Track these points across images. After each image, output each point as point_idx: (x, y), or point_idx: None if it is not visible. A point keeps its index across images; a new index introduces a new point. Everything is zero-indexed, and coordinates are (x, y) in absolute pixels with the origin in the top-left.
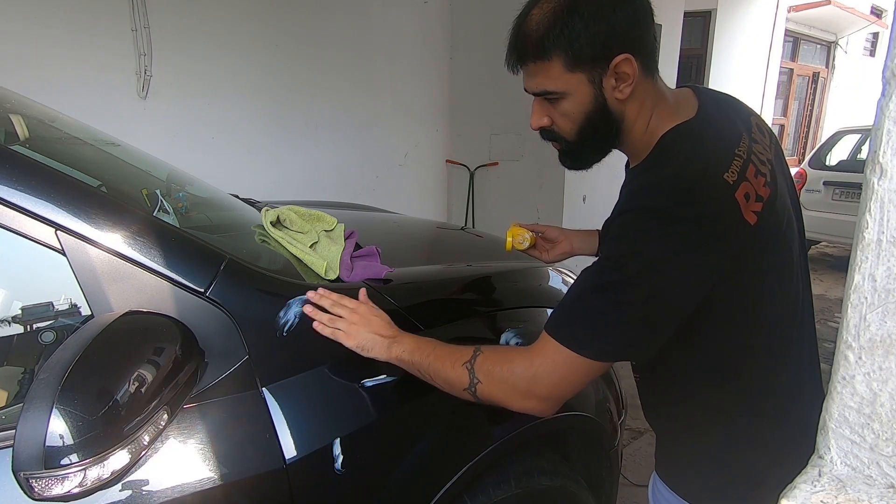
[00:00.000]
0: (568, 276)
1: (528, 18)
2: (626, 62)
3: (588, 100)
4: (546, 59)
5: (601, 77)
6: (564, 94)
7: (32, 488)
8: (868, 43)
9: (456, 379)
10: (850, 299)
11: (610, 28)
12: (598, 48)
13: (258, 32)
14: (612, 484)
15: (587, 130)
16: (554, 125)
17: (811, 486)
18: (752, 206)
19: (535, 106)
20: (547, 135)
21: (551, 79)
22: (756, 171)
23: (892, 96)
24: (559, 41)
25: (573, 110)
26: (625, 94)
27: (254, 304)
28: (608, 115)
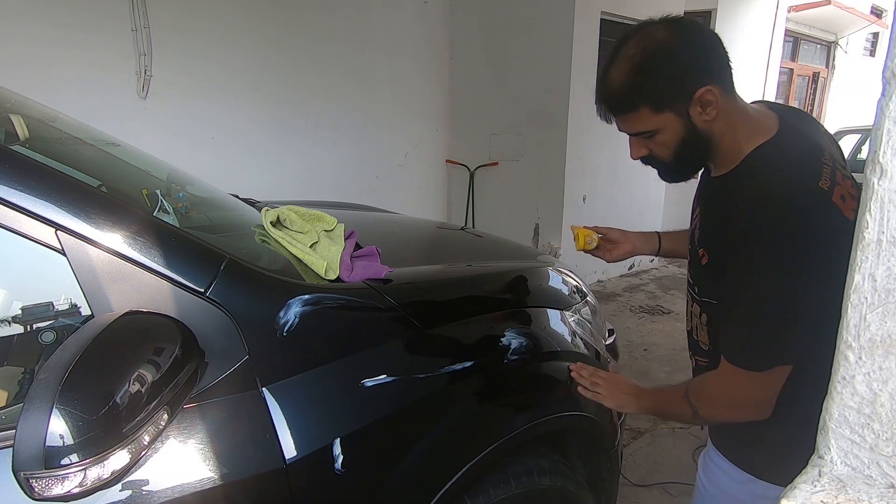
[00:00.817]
0: (568, 276)
1: (609, 77)
2: (708, 92)
3: (679, 130)
4: (633, 111)
5: (687, 108)
6: (657, 131)
7: (32, 488)
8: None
9: (684, 412)
10: (850, 299)
11: (685, 71)
12: (679, 91)
13: (258, 33)
14: (612, 484)
15: (683, 153)
16: (652, 153)
17: (811, 486)
18: (849, 204)
19: (631, 141)
20: (647, 161)
21: (642, 123)
22: (843, 175)
23: (892, 96)
24: (641, 96)
25: (667, 140)
26: (711, 116)
27: (254, 304)
28: (699, 136)
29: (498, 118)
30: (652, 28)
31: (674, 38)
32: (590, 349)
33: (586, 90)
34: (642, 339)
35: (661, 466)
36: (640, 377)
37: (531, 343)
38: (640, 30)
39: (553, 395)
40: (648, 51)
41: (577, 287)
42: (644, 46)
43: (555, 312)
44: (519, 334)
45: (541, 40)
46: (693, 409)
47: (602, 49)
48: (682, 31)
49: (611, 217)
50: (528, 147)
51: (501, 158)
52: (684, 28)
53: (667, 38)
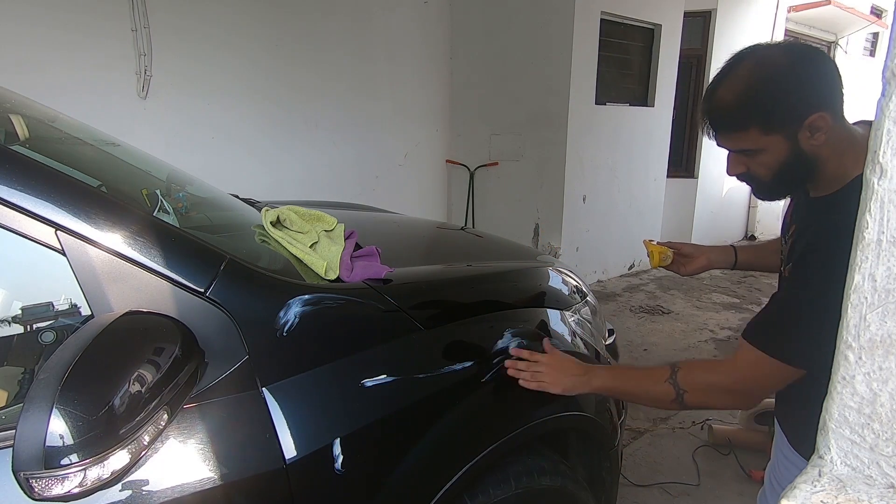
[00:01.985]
0: (568, 276)
1: (722, 92)
2: (820, 119)
3: (784, 152)
4: (742, 130)
5: (796, 132)
6: (762, 151)
7: (32, 488)
8: (868, 43)
9: (662, 394)
10: (850, 299)
11: (798, 96)
12: (791, 115)
13: (258, 33)
14: (612, 484)
15: (784, 174)
16: (750, 171)
17: (811, 486)
18: None
19: (731, 157)
20: (743, 177)
21: (748, 142)
22: None
23: (892, 96)
24: (753, 116)
25: (770, 161)
26: (819, 141)
27: (254, 304)
28: (805, 159)
29: (498, 118)
30: (768, 50)
31: (790, 63)
32: (590, 349)
33: (586, 90)
34: (642, 339)
35: (661, 466)
36: None
37: (531, 343)
38: (755, 51)
39: (553, 394)
40: (765, 73)
41: (577, 287)
42: (760, 68)
43: (555, 312)
44: (519, 334)
45: (541, 40)
46: (679, 391)
47: (602, 49)
48: (799, 56)
49: (611, 217)
50: (528, 147)
51: (501, 158)
52: (801, 53)
53: (783, 62)
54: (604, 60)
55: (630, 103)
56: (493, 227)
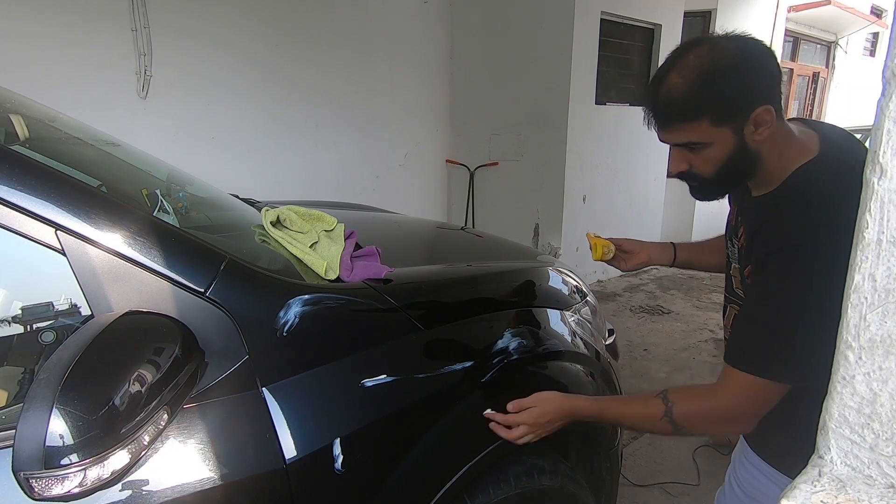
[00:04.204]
0: (568, 276)
1: (673, 79)
2: (766, 112)
3: (730, 146)
4: (694, 120)
5: (742, 126)
6: (708, 145)
7: (32, 488)
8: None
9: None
10: (850, 299)
11: (750, 87)
12: (742, 106)
13: (258, 33)
14: (612, 484)
15: (727, 170)
16: (692, 169)
17: (811, 486)
18: None
19: (674, 153)
20: (684, 176)
21: (697, 133)
22: None
23: (892, 96)
24: (707, 104)
25: (716, 156)
26: (763, 136)
27: (254, 304)
28: (747, 154)
29: (498, 118)
30: (717, 40)
31: (740, 52)
32: (590, 349)
33: (586, 90)
34: (642, 339)
35: (661, 466)
36: (640, 377)
37: (531, 343)
38: (703, 41)
39: None
40: (718, 60)
41: (577, 287)
42: (713, 57)
43: (555, 312)
44: (518, 334)
45: (541, 40)
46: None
47: (602, 49)
48: (748, 47)
49: (610, 217)
50: (528, 147)
51: (501, 158)
52: (750, 44)
53: (734, 52)
54: (604, 60)
55: (630, 103)
56: (493, 227)
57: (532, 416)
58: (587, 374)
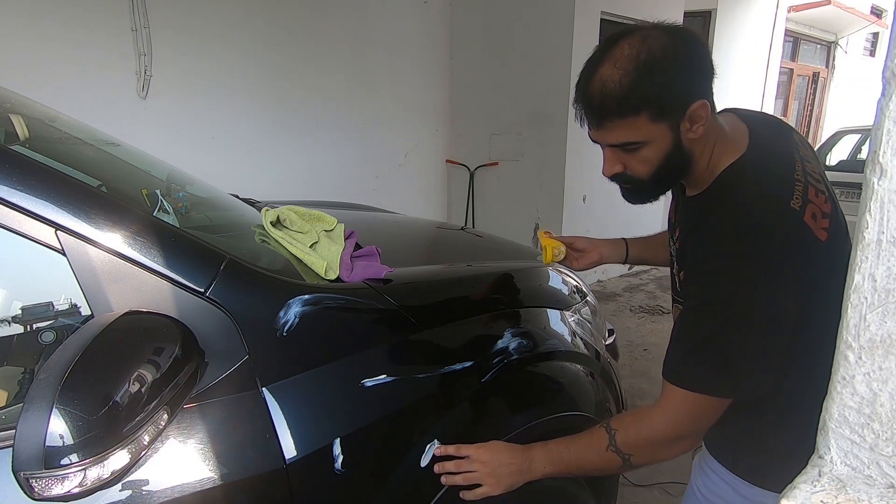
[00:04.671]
0: (568, 276)
1: (607, 72)
2: (702, 107)
3: (667, 144)
4: (633, 115)
5: (679, 122)
6: (645, 143)
7: (32, 488)
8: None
9: (608, 464)
10: (850, 299)
11: (688, 80)
12: (680, 100)
13: (258, 33)
14: (612, 484)
15: (662, 170)
16: (627, 170)
17: (811, 486)
18: (820, 223)
19: (607, 154)
20: (617, 179)
21: (635, 131)
22: (816, 191)
23: (892, 96)
24: (646, 98)
25: (652, 156)
26: (698, 133)
27: (254, 304)
28: (682, 153)
29: (498, 118)
30: (651, 31)
31: (676, 43)
32: (590, 349)
33: None
34: (642, 339)
35: (661, 466)
36: (640, 377)
37: (531, 343)
38: (636, 31)
39: (553, 394)
40: (654, 51)
41: (577, 287)
42: (649, 47)
43: (555, 312)
44: (518, 334)
45: (541, 40)
46: (624, 457)
47: None
48: (685, 38)
49: (610, 217)
50: (528, 147)
51: (501, 158)
52: (687, 35)
53: (669, 42)
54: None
55: None
56: (493, 227)
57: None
58: (587, 374)
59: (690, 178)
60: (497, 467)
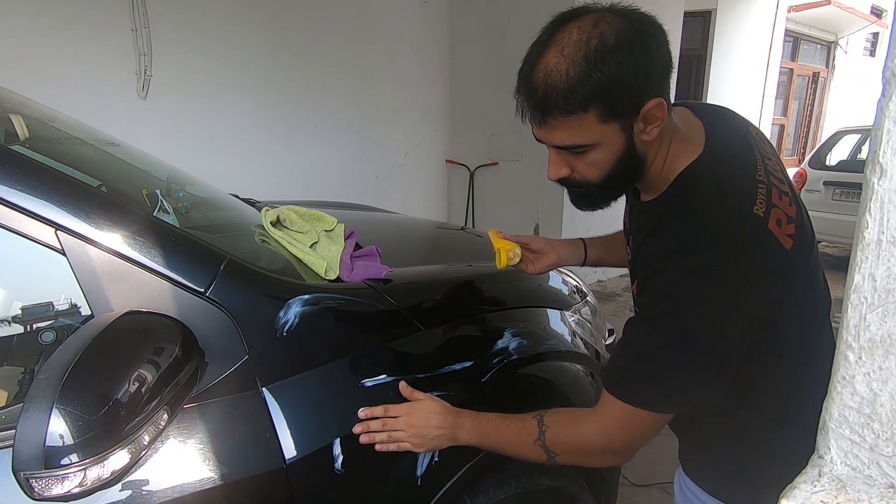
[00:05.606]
0: (568, 276)
1: (552, 61)
2: (658, 106)
3: (618, 147)
4: (580, 112)
5: (632, 122)
6: (595, 146)
7: (32, 488)
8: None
9: (534, 457)
10: (850, 299)
11: (645, 73)
12: (634, 97)
13: (258, 34)
14: (612, 484)
15: (614, 176)
16: (575, 174)
17: (811, 486)
18: (785, 230)
19: (553, 155)
20: (565, 182)
21: (582, 132)
22: (779, 193)
23: (892, 96)
24: (596, 92)
25: (603, 159)
26: (653, 135)
27: (254, 304)
28: (635, 158)
29: (498, 118)
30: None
31: (634, 32)
32: (590, 349)
33: None
34: None
35: (661, 466)
36: None
37: (531, 343)
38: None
39: (553, 394)
40: (607, 40)
41: (577, 287)
42: (601, 32)
43: (555, 312)
44: (518, 334)
45: None
46: (550, 454)
47: None
48: (643, 25)
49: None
50: (528, 147)
51: (501, 158)
52: (646, 21)
53: (626, 30)
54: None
55: None
56: (493, 227)
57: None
58: (587, 374)
59: (644, 181)
60: (424, 429)
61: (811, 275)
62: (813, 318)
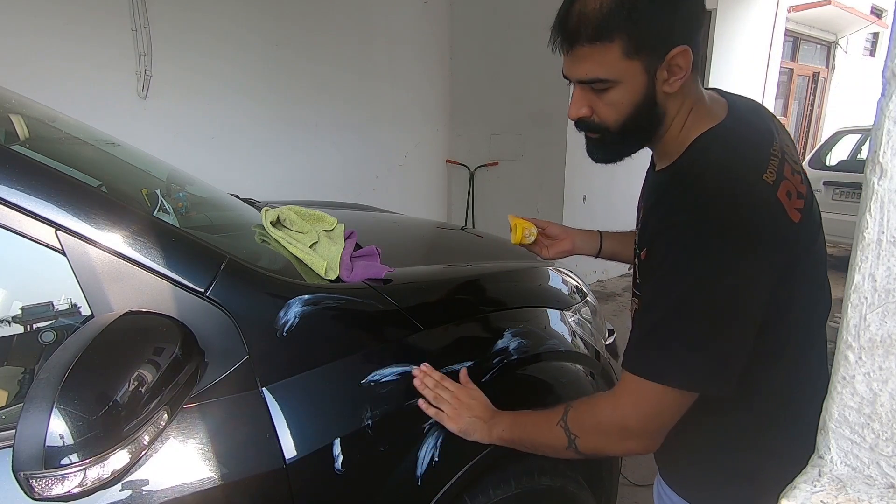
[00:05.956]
0: (568, 276)
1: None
2: (684, 54)
3: (640, 90)
4: (606, 41)
5: (656, 67)
6: (616, 83)
7: (32, 488)
8: (868, 43)
9: (556, 440)
10: (850, 299)
11: (676, 15)
12: (663, 35)
13: (258, 34)
14: (612, 484)
15: (631, 123)
16: (594, 115)
17: (811, 486)
18: (794, 203)
19: (576, 93)
20: (583, 125)
21: (606, 65)
22: (792, 170)
23: (892, 96)
24: (625, 24)
25: (622, 100)
26: (674, 87)
27: (254, 304)
28: (654, 108)
29: (498, 118)
30: None
31: None
32: (590, 349)
33: None
34: None
35: None
36: None
37: (531, 343)
38: None
39: (553, 394)
40: None
41: (577, 287)
42: None
43: (555, 312)
44: (518, 334)
45: (541, 40)
46: (570, 436)
47: None
48: None
49: (610, 217)
50: (528, 147)
51: (501, 158)
52: None
53: None
54: None
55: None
56: (493, 227)
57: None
58: (587, 374)
59: (660, 145)
60: (465, 409)
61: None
62: (812, 317)
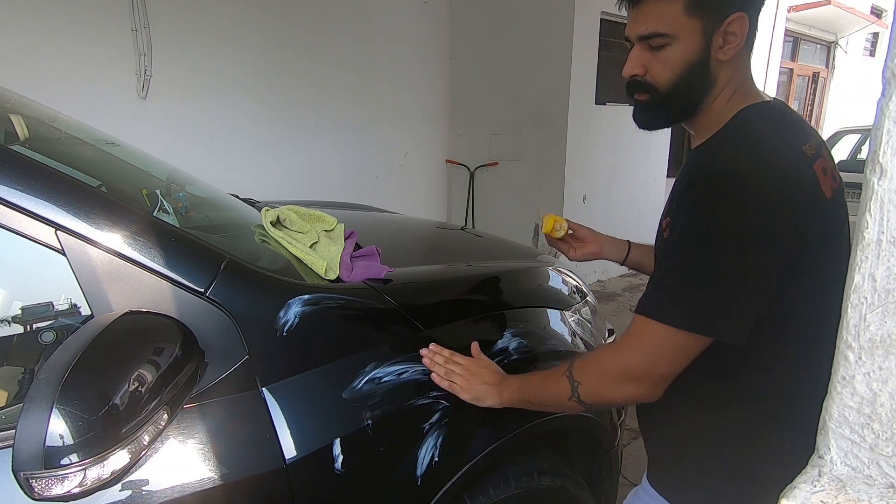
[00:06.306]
0: (568, 276)
1: None
2: (740, 21)
3: (695, 51)
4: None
5: (713, 31)
6: (673, 40)
7: (32, 488)
8: (868, 43)
9: (561, 390)
10: (850, 299)
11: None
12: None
13: (258, 34)
14: (612, 484)
15: (682, 85)
16: (648, 74)
17: (811, 486)
18: (828, 181)
19: (633, 53)
20: (635, 86)
21: (666, 20)
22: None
23: (892, 96)
24: None
25: (676, 58)
26: (728, 55)
27: (254, 304)
28: (706, 73)
29: (498, 118)
30: None
31: None
32: (590, 349)
33: (586, 90)
34: None
35: None
36: None
37: (531, 343)
38: None
39: None
40: None
41: (577, 287)
42: None
43: (555, 312)
44: (518, 334)
45: (541, 40)
46: (573, 384)
47: (602, 49)
48: None
49: (610, 216)
50: (528, 147)
51: (501, 158)
52: None
53: None
54: (604, 60)
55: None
56: (493, 227)
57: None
58: None
59: (702, 118)
60: (474, 378)
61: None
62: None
